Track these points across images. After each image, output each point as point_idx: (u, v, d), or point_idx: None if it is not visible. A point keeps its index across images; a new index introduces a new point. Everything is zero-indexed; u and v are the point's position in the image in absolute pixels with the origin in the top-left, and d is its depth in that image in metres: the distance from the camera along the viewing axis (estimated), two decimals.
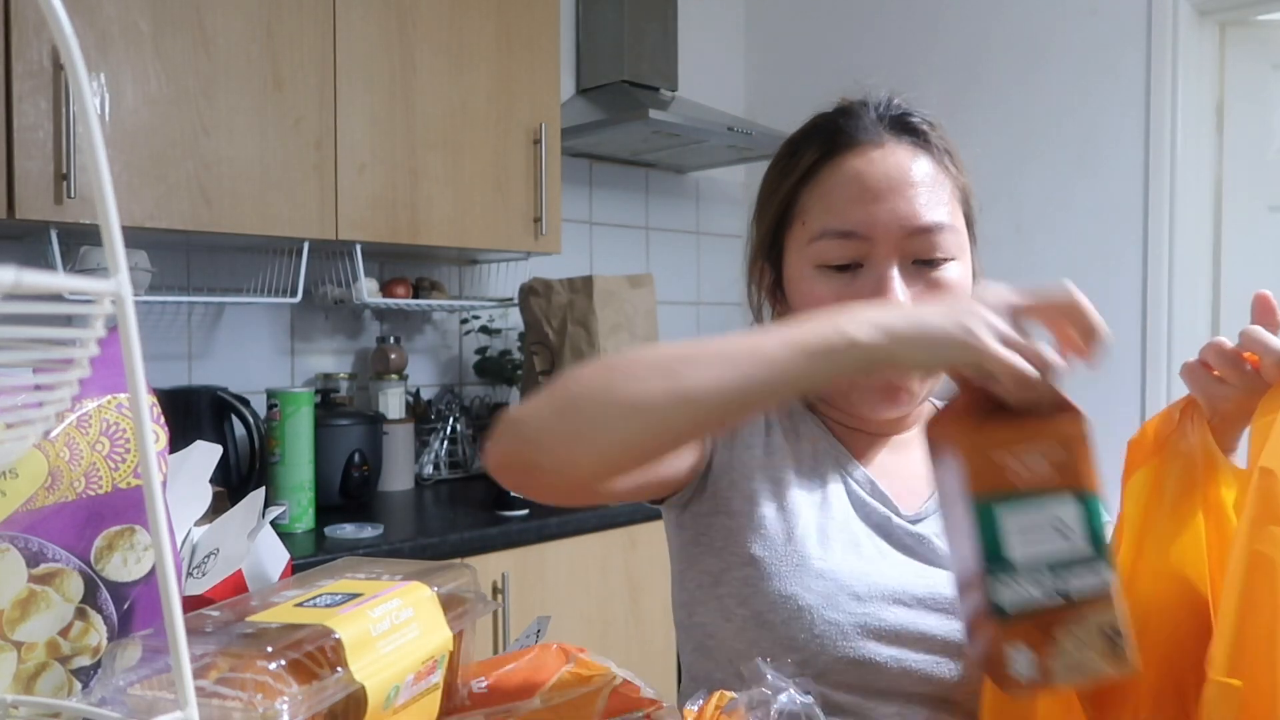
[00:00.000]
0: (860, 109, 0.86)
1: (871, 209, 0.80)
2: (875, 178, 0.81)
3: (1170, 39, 2.32)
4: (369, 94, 2.00)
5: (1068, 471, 0.57)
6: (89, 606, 0.57)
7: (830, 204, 0.82)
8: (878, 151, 0.82)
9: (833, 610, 0.77)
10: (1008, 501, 0.58)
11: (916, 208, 0.80)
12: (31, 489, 0.56)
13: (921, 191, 0.81)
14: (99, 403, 0.59)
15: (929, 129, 0.86)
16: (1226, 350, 0.69)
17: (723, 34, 3.12)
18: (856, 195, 0.81)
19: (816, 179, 0.84)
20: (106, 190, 0.35)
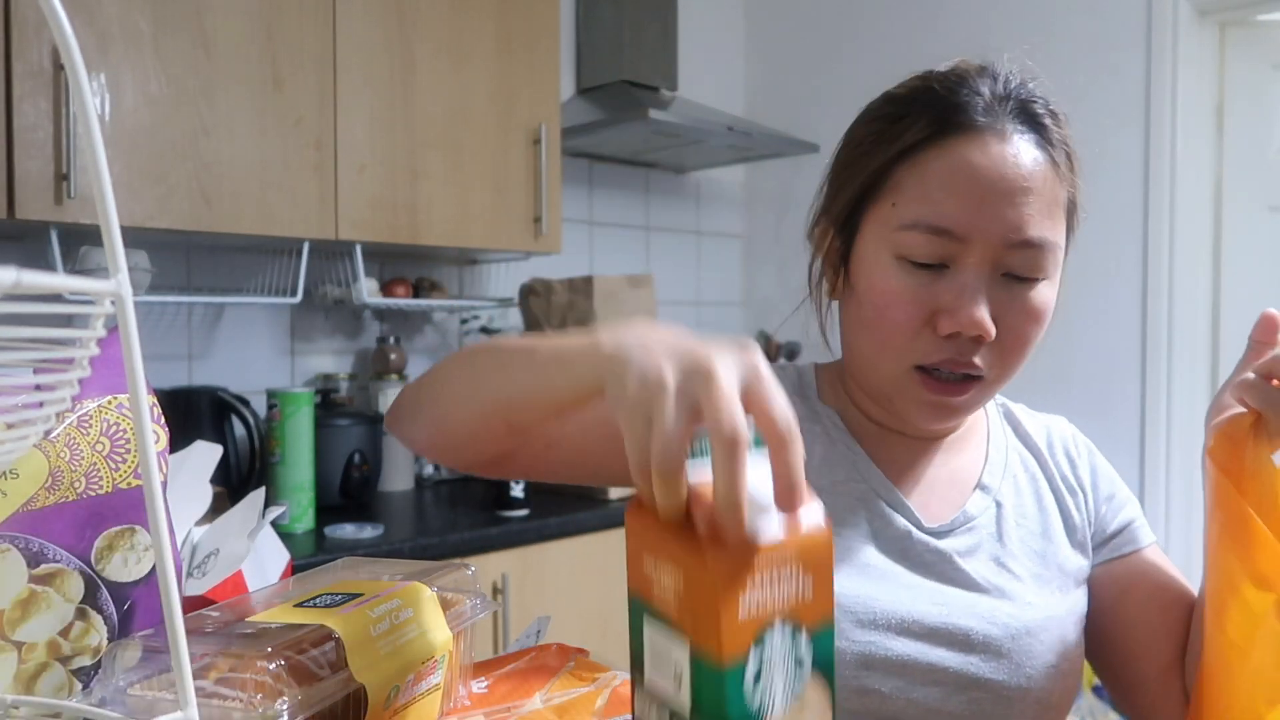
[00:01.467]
0: (981, 79, 0.75)
1: (976, 209, 0.70)
2: (988, 174, 0.71)
3: (1170, 39, 2.32)
4: (369, 94, 2.00)
5: (685, 613, 0.45)
6: (89, 607, 0.57)
7: (929, 192, 0.72)
8: (996, 143, 0.72)
9: (835, 639, 0.74)
10: (649, 612, 0.49)
11: (1025, 217, 0.71)
12: (32, 489, 0.56)
13: (1034, 199, 0.71)
14: (99, 403, 0.59)
15: (1053, 123, 0.76)
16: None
17: (723, 34, 3.12)
18: (963, 189, 0.71)
19: (920, 158, 0.73)
20: (106, 190, 0.35)
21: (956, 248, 0.71)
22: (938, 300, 0.72)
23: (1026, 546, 0.81)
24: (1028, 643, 0.76)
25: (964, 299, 0.71)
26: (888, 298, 0.73)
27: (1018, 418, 0.90)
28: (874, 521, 0.78)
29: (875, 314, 0.75)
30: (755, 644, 0.44)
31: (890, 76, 0.85)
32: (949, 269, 0.72)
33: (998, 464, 0.84)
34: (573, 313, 2.24)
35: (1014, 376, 0.77)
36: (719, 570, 0.43)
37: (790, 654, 0.45)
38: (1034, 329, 0.75)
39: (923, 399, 0.75)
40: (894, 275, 0.73)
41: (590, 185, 2.82)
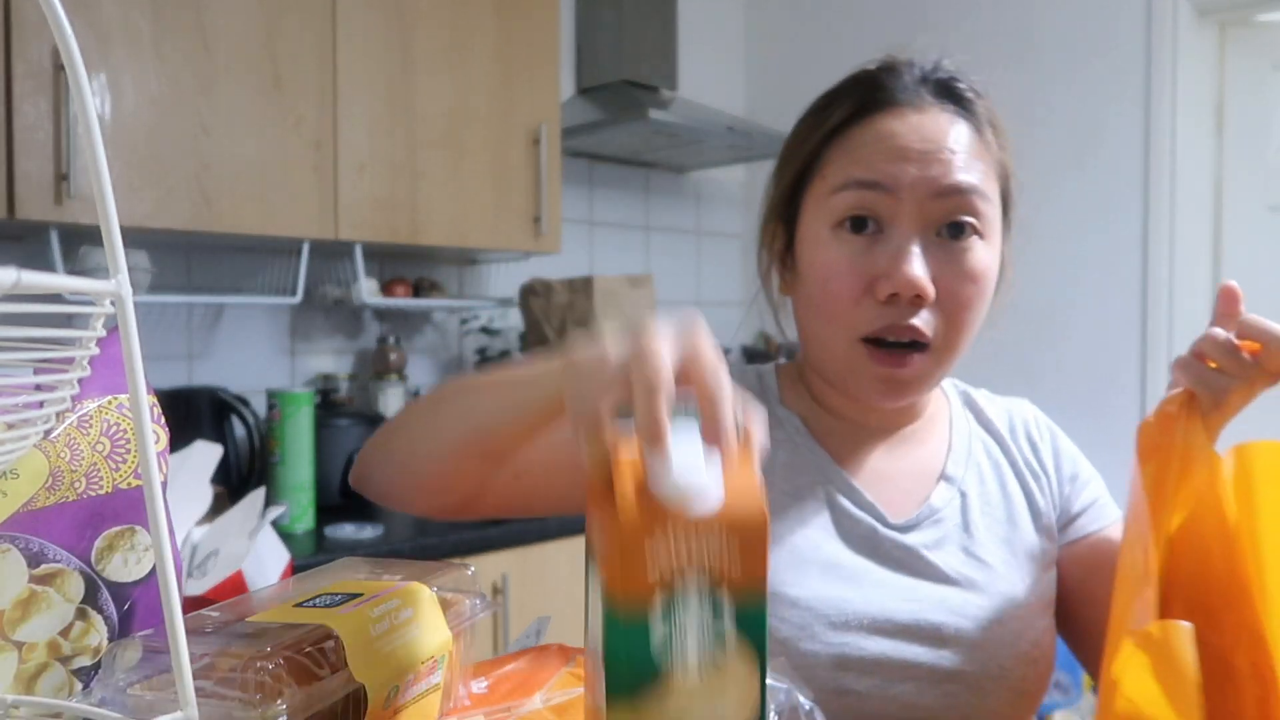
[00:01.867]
0: (904, 67, 0.79)
1: (900, 165, 0.74)
2: (908, 137, 0.74)
3: (1170, 39, 2.32)
4: (369, 94, 2.00)
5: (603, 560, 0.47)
6: (89, 607, 0.57)
7: (857, 157, 0.76)
8: (915, 115, 0.76)
9: (809, 642, 0.74)
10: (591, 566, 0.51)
11: (949, 169, 0.74)
12: (32, 489, 0.56)
13: (957, 155, 0.74)
14: (99, 403, 0.59)
15: (975, 98, 0.80)
16: (1224, 341, 0.68)
17: (723, 34, 3.12)
18: (885, 152, 0.74)
19: (846, 135, 0.77)
20: (106, 190, 0.35)
21: (888, 203, 0.74)
22: (875, 266, 0.74)
23: (993, 534, 0.81)
24: (999, 633, 0.76)
25: (899, 259, 0.73)
26: (828, 270, 0.76)
27: (979, 404, 0.90)
28: (841, 522, 0.79)
29: (819, 289, 0.77)
30: (665, 599, 0.45)
31: None
32: (883, 233, 0.75)
33: (961, 453, 0.85)
34: (573, 313, 2.24)
35: (962, 345, 0.78)
36: (628, 513, 0.44)
37: (708, 621, 0.45)
38: (972, 290, 0.75)
39: (873, 373, 0.76)
40: (832, 246, 0.76)
41: (590, 185, 2.82)
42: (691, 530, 0.45)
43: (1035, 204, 2.93)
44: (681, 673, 0.45)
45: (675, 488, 0.45)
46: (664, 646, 0.45)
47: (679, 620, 0.45)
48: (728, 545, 0.45)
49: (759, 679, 0.46)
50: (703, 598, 0.45)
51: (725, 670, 0.46)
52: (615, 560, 0.45)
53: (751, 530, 0.46)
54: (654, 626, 0.45)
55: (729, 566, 0.45)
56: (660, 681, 0.45)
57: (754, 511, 0.46)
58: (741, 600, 0.46)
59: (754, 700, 0.46)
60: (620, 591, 0.45)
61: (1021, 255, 0.82)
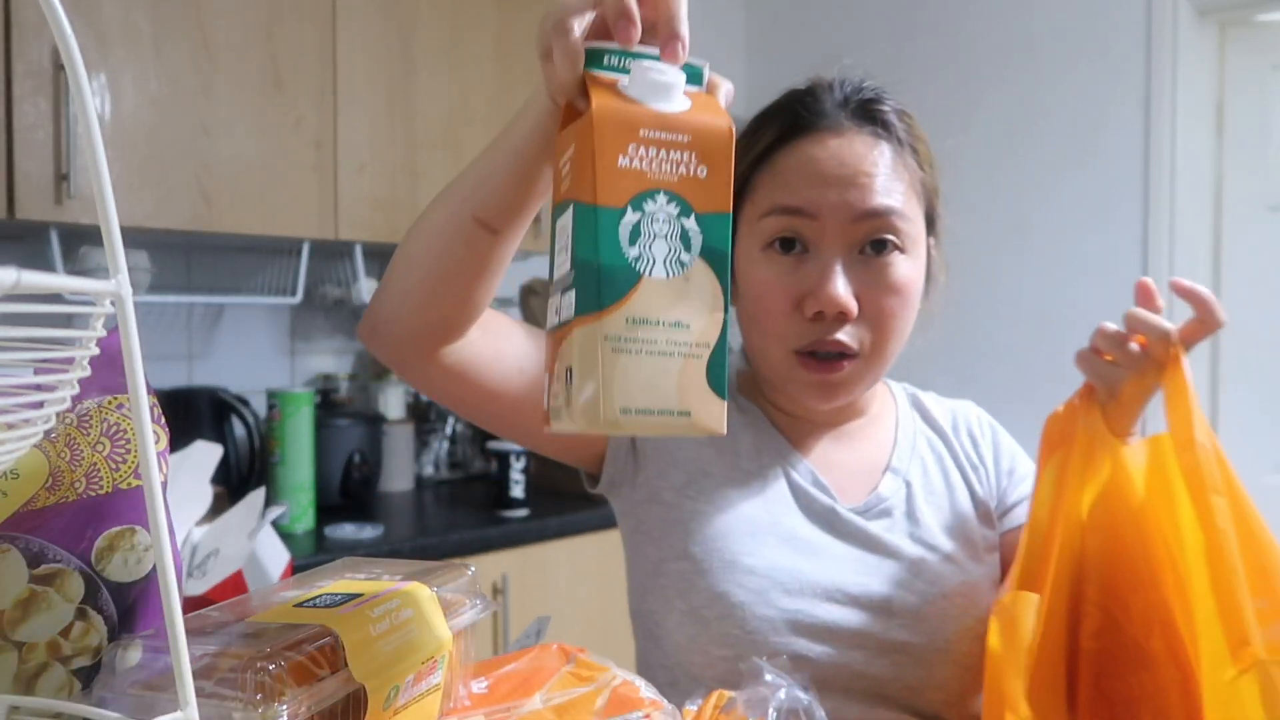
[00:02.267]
0: (824, 92, 0.83)
1: (821, 190, 0.78)
2: (828, 163, 0.79)
3: (1170, 39, 2.32)
4: (369, 94, 2.00)
5: (576, 178, 0.49)
6: (89, 607, 0.57)
7: (782, 183, 0.80)
8: (835, 139, 0.80)
9: (764, 606, 0.78)
10: (557, 209, 0.53)
11: (867, 194, 0.78)
12: (32, 489, 0.56)
13: (875, 179, 0.79)
14: (99, 403, 0.59)
15: (895, 119, 0.83)
16: (1113, 333, 0.72)
17: (723, 34, 3.12)
18: (808, 178, 0.79)
19: (771, 160, 0.82)
20: (106, 190, 0.35)
21: (811, 226, 0.79)
22: (802, 285, 0.79)
23: (938, 521, 0.87)
24: (944, 607, 0.81)
25: (823, 279, 0.77)
26: (760, 288, 0.81)
27: (925, 405, 0.96)
28: (801, 499, 0.85)
29: (753, 305, 0.82)
30: (635, 199, 0.47)
31: (891, 77, 0.87)
32: (809, 253, 0.79)
33: (905, 447, 0.90)
34: None
35: (891, 352, 0.82)
36: (602, 114, 0.47)
37: (674, 225, 0.48)
38: (895, 302, 0.80)
39: (806, 380, 0.81)
40: (762, 266, 0.81)
41: None
42: (657, 132, 0.48)
43: (1036, 203, 2.94)
44: (647, 268, 0.47)
45: (646, 80, 0.48)
46: (630, 241, 0.47)
47: (648, 220, 0.48)
48: (694, 155, 0.48)
49: (722, 289, 0.49)
50: (670, 203, 0.48)
51: (691, 276, 0.48)
52: (589, 155, 0.47)
53: (718, 144, 0.49)
54: (624, 221, 0.47)
55: (694, 174, 0.48)
56: (630, 279, 0.47)
57: (719, 122, 0.49)
58: (706, 210, 0.49)
59: (716, 305, 0.49)
60: (592, 184, 0.47)
61: (1021, 255, 0.83)
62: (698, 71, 0.54)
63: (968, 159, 2.61)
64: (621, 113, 0.48)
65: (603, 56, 0.52)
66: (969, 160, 2.60)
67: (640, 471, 0.87)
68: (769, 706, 0.58)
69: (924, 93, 3.00)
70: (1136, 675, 0.71)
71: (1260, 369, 2.34)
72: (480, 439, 2.48)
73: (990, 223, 2.54)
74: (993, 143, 2.58)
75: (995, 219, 2.55)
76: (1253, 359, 2.35)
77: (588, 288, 0.47)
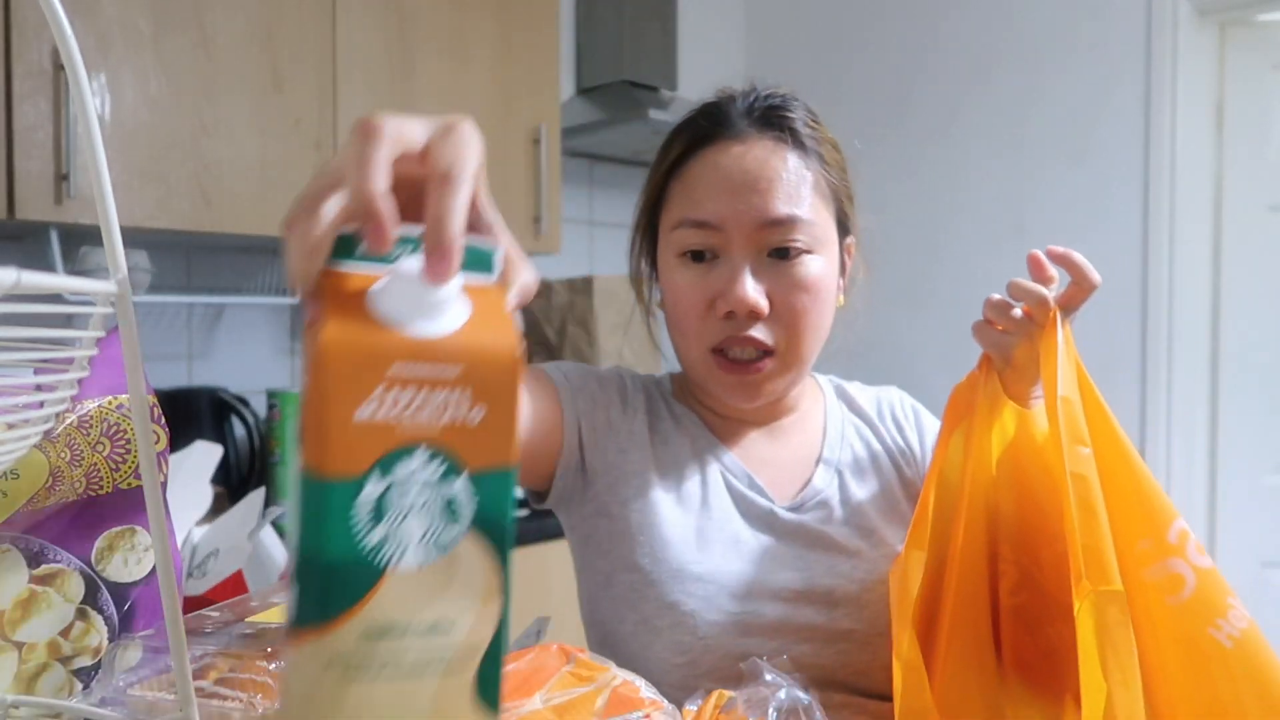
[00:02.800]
0: (728, 103, 0.87)
1: (726, 201, 0.81)
2: (731, 172, 0.82)
3: (1170, 39, 2.32)
4: (369, 94, 2.00)
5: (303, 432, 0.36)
6: (90, 607, 0.57)
7: (690, 195, 0.84)
8: (738, 146, 0.83)
9: (713, 613, 0.80)
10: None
11: (769, 201, 0.81)
12: (32, 489, 0.56)
13: (777, 185, 0.81)
14: (99, 403, 0.59)
15: (798, 124, 0.85)
16: (998, 302, 0.77)
17: (723, 34, 3.12)
18: (713, 188, 0.82)
19: (681, 170, 0.85)
20: (106, 190, 0.35)
21: (719, 237, 0.82)
22: (713, 287, 0.82)
23: (872, 506, 0.89)
24: (882, 592, 0.83)
25: (731, 281, 0.81)
26: (677, 293, 0.84)
27: (850, 394, 0.99)
28: (740, 503, 0.86)
29: (672, 308, 0.86)
30: (380, 463, 0.34)
31: (890, 77, 0.87)
32: (719, 259, 0.83)
33: (835, 437, 0.93)
34: (573, 313, 2.24)
35: (808, 348, 0.85)
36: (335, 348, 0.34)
37: (435, 491, 0.35)
38: (805, 299, 0.82)
39: (724, 380, 0.84)
40: (679, 272, 0.84)
41: (590, 185, 2.82)
42: (421, 373, 0.35)
43: (1035, 203, 2.94)
44: (395, 558, 0.35)
45: (405, 290, 0.35)
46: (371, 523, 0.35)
47: (399, 491, 0.35)
48: (464, 391, 0.35)
49: (501, 569, 0.37)
50: (430, 462, 0.35)
51: (457, 557, 0.36)
52: (319, 405, 0.34)
53: (498, 376, 0.36)
54: (364, 497, 0.34)
55: (465, 419, 0.35)
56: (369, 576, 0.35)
57: (501, 344, 0.36)
58: (482, 467, 0.36)
59: (492, 592, 0.37)
60: (318, 445, 0.34)
61: (1021, 256, 0.84)
62: (487, 256, 0.39)
63: (967, 159, 2.61)
64: (364, 344, 0.34)
65: (356, 244, 0.37)
66: (968, 160, 2.60)
67: (590, 486, 0.88)
68: (769, 706, 0.58)
69: (924, 93, 2.99)
70: (1055, 627, 0.74)
71: (1260, 369, 2.34)
72: None
73: (990, 223, 2.54)
74: (992, 142, 2.58)
75: (995, 219, 2.55)
76: (1253, 359, 2.35)
77: (310, 592, 0.35)
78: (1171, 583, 0.68)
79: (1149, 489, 0.70)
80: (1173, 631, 0.67)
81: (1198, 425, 2.38)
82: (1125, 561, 0.68)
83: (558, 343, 2.25)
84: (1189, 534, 0.69)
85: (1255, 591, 2.35)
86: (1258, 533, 2.36)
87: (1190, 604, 0.67)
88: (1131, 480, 0.70)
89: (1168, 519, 0.69)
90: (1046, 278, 0.76)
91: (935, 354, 0.89)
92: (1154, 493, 0.70)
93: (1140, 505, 0.69)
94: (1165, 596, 0.68)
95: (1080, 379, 0.71)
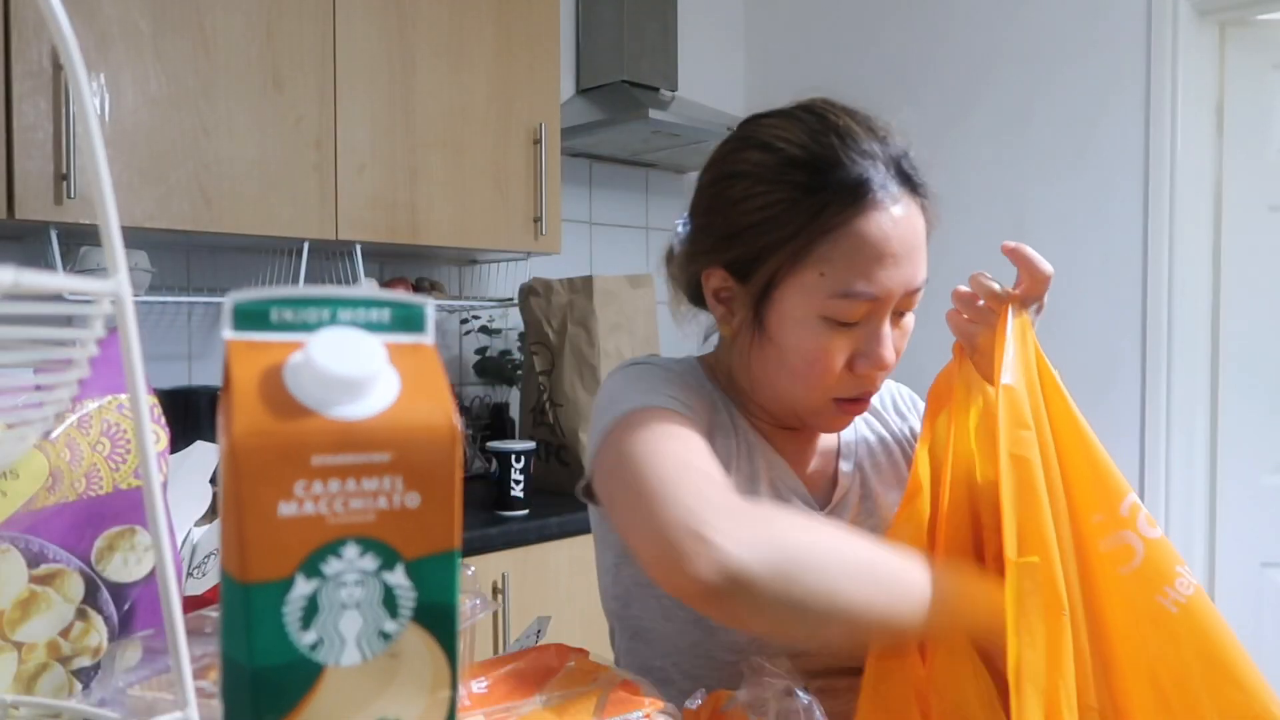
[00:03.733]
0: (872, 147, 0.82)
1: (891, 273, 0.80)
2: (897, 242, 0.80)
3: (1170, 39, 2.32)
4: (369, 94, 2.00)
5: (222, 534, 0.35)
6: (89, 607, 0.57)
7: (855, 264, 0.80)
8: (900, 211, 0.81)
9: None
10: None
11: (918, 270, 0.83)
12: (32, 489, 0.56)
13: (920, 253, 0.83)
14: (99, 403, 0.59)
15: (921, 178, 0.86)
16: (963, 295, 0.83)
17: (723, 34, 3.12)
18: (879, 258, 0.80)
19: (841, 233, 0.80)
20: (106, 190, 0.35)
21: (875, 305, 0.82)
22: (854, 347, 0.83)
23: (889, 498, 0.93)
24: None
25: (879, 346, 0.83)
26: (816, 353, 0.82)
27: None
28: (777, 500, 0.89)
29: (804, 365, 0.84)
30: (308, 561, 0.32)
31: (891, 77, 0.88)
32: (861, 322, 0.83)
33: (850, 431, 0.96)
34: (573, 313, 2.24)
35: None
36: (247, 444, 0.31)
37: (372, 585, 0.33)
38: (905, 344, 0.87)
39: (836, 420, 0.88)
40: (823, 334, 0.82)
41: (590, 185, 2.82)
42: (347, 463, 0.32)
43: (1036, 203, 2.94)
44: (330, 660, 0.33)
45: (324, 369, 0.32)
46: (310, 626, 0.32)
47: (331, 591, 0.32)
48: (400, 479, 0.33)
49: (448, 658, 0.35)
50: (363, 556, 0.33)
51: (400, 653, 0.34)
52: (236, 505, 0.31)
53: (431, 449, 0.33)
54: (292, 601, 0.32)
55: (402, 504, 0.33)
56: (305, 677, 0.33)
57: (436, 420, 0.33)
58: (421, 549, 0.33)
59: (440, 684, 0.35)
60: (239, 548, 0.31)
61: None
62: (417, 314, 0.36)
63: (967, 159, 2.61)
64: (280, 436, 0.31)
65: (268, 311, 0.34)
66: (968, 160, 2.60)
67: None
68: (769, 706, 0.58)
69: (923, 93, 2.99)
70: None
71: (1260, 369, 2.34)
72: (480, 439, 2.48)
73: (990, 223, 2.54)
74: (992, 142, 2.58)
75: (995, 219, 2.55)
76: (1253, 359, 2.35)
77: (240, 702, 0.32)
78: (1123, 553, 0.73)
79: (1103, 466, 0.75)
80: (1125, 599, 0.72)
81: (1198, 425, 2.37)
82: (1082, 533, 0.74)
83: (558, 343, 2.26)
84: (1140, 507, 0.74)
85: (1255, 591, 2.35)
86: (1257, 533, 2.36)
87: (1140, 572, 0.72)
88: (1087, 458, 0.75)
89: (1120, 494, 0.74)
90: (1032, 270, 0.81)
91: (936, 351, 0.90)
92: (1108, 470, 0.75)
93: (1094, 481, 0.74)
94: (1118, 566, 0.73)
95: (1038, 363, 0.77)
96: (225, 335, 0.34)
